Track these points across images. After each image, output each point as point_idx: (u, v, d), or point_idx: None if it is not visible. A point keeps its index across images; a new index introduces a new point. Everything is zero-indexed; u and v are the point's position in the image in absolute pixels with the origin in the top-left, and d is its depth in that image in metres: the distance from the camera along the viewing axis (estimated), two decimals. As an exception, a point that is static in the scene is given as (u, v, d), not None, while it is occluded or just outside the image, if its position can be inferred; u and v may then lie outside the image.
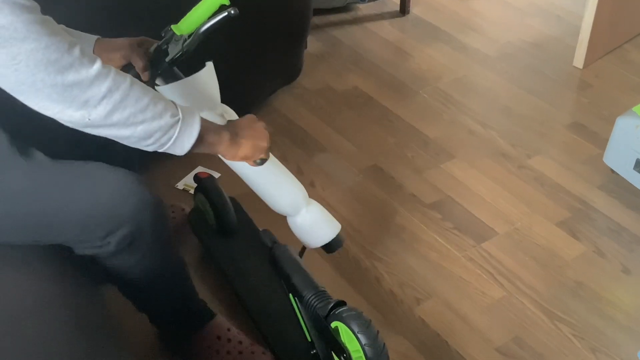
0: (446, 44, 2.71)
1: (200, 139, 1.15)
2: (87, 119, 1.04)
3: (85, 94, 1.02)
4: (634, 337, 1.62)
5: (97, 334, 1.18)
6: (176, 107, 1.13)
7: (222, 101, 1.47)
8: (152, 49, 1.39)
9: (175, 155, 1.17)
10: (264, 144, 1.29)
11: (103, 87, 1.03)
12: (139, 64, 1.36)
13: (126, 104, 1.05)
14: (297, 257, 1.46)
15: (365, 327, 1.27)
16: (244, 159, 1.28)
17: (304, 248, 1.53)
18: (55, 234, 1.24)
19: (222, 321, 1.54)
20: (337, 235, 1.49)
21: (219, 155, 1.29)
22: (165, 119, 1.10)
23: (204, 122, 1.17)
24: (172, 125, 1.11)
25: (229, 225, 1.74)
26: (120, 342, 1.26)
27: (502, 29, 2.80)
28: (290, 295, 1.44)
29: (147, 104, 1.07)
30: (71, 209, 1.20)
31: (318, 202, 1.49)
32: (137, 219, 1.23)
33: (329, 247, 1.49)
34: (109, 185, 1.22)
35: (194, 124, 1.14)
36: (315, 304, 1.36)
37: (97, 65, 1.03)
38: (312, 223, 1.47)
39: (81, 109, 1.03)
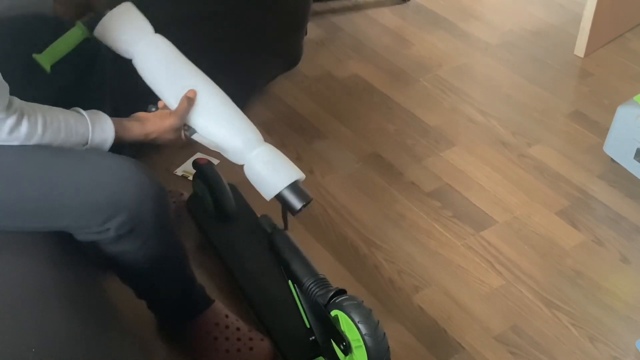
0: (447, 31, 2.69)
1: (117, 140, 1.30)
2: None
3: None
4: (632, 326, 1.62)
5: (95, 320, 1.18)
6: (88, 127, 1.26)
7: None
8: None
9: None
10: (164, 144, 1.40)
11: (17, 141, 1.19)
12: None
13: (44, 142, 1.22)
14: (297, 244, 1.45)
15: (366, 316, 1.26)
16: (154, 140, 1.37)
17: (285, 216, 1.45)
18: (53, 219, 1.23)
19: (221, 307, 1.54)
20: (299, 185, 1.35)
21: None
22: (79, 144, 1.26)
23: (116, 126, 1.30)
24: (84, 144, 1.27)
25: (227, 212, 1.74)
26: (118, 328, 1.25)
27: (504, 17, 2.79)
28: (290, 281, 1.43)
29: (61, 141, 1.23)
30: (70, 194, 1.20)
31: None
32: (137, 206, 1.23)
33: (293, 199, 1.33)
34: (109, 171, 1.22)
35: (105, 141, 1.29)
36: (314, 291, 1.35)
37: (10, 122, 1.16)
38: (268, 161, 1.36)
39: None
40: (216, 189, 1.72)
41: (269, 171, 1.36)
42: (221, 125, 1.40)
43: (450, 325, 1.62)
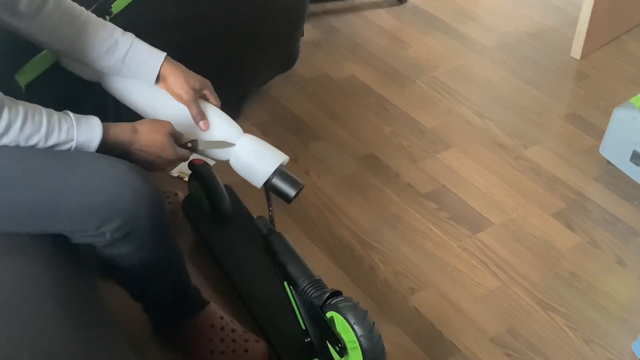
0: (444, 33, 2.70)
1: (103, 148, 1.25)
2: None
3: None
4: (628, 328, 1.62)
5: (90, 322, 1.17)
6: (72, 124, 1.22)
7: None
8: None
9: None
10: (157, 169, 1.33)
11: None
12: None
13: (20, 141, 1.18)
14: (293, 245, 1.45)
15: (362, 318, 1.26)
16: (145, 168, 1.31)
17: (271, 215, 1.48)
18: (48, 223, 1.22)
19: (216, 309, 1.53)
20: (289, 173, 1.37)
21: None
22: (65, 142, 1.21)
23: (107, 134, 1.24)
24: (70, 142, 1.22)
25: (223, 212, 1.73)
26: (113, 329, 1.25)
27: (501, 18, 2.79)
28: (285, 283, 1.43)
29: (43, 137, 1.19)
30: (65, 198, 1.19)
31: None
32: (133, 210, 1.22)
33: (286, 188, 1.36)
34: (104, 175, 1.21)
35: (91, 140, 1.23)
36: (310, 292, 1.35)
37: None
38: (253, 150, 1.39)
39: None
40: (212, 189, 1.72)
41: (256, 159, 1.38)
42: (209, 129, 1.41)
43: (446, 327, 1.62)
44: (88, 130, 1.23)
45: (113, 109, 1.56)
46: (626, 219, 1.90)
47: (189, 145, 1.36)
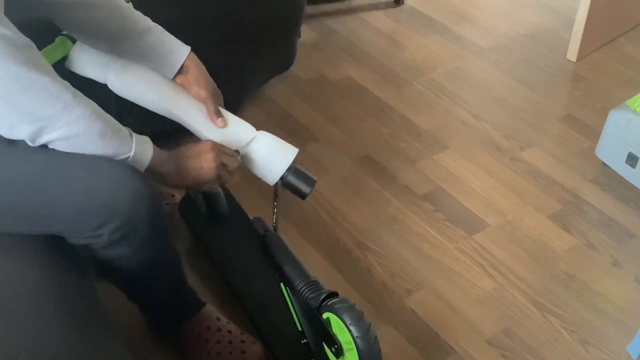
0: (441, 35, 2.70)
1: (149, 171, 1.23)
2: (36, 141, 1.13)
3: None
4: (623, 330, 1.62)
5: (87, 322, 1.17)
6: (130, 143, 1.20)
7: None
8: None
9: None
10: (207, 177, 1.30)
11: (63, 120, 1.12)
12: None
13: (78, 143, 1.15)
14: (289, 246, 1.45)
15: (358, 319, 1.26)
16: (188, 189, 1.28)
17: (275, 214, 1.47)
18: (45, 224, 1.22)
19: (212, 310, 1.53)
20: (303, 170, 1.40)
21: None
22: (118, 155, 1.19)
23: (155, 158, 1.23)
24: (125, 157, 1.20)
25: (220, 213, 1.73)
26: (110, 330, 1.25)
27: (497, 20, 2.79)
28: (282, 284, 1.43)
29: (99, 147, 1.17)
30: (63, 200, 1.19)
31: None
32: (131, 211, 1.21)
33: (301, 185, 1.39)
34: (103, 177, 1.21)
35: (144, 160, 1.22)
36: (306, 294, 1.35)
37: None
38: (269, 144, 1.40)
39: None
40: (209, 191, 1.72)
41: (271, 156, 1.39)
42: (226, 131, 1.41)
43: (443, 328, 1.62)
44: (142, 151, 1.23)
45: (115, 111, 1.56)
46: (622, 220, 1.90)
47: (235, 154, 1.35)
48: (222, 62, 2.03)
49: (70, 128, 1.13)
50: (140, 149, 1.21)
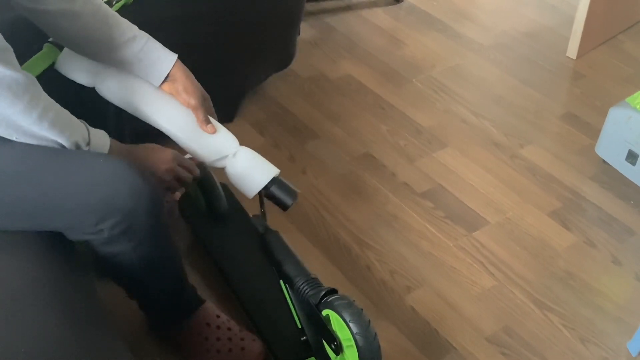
0: (440, 32, 2.70)
1: None
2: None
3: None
4: (623, 328, 1.62)
5: (86, 320, 1.17)
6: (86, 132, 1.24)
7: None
8: None
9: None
10: (157, 177, 1.34)
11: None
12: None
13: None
14: (289, 244, 1.45)
15: (357, 316, 1.27)
16: None
17: (263, 212, 1.50)
18: (45, 221, 1.22)
19: (212, 308, 1.53)
20: (286, 182, 1.41)
21: None
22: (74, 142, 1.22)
23: (112, 148, 1.27)
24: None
25: (219, 211, 1.73)
26: (109, 327, 1.25)
27: (497, 18, 2.79)
28: (281, 281, 1.43)
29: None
30: (63, 195, 1.19)
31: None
32: (131, 207, 1.22)
33: (283, 196, 1.40)
34: (102, 173, 1.21)
35: (102, 149, 1.27)
36: (306, 291, 1.35)
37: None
38: (251, 158, 1.42)
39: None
40: (208, 188, 1.72)
41: (251, 170, 1.41)
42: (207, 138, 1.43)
43: (442, 325, 1.62)
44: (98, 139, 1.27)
45: (114, 114, 1.55)
46: (622, 218, 1.90)
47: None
48: (221, 59, 2.03)
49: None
50: (96, 138, 1.25)
